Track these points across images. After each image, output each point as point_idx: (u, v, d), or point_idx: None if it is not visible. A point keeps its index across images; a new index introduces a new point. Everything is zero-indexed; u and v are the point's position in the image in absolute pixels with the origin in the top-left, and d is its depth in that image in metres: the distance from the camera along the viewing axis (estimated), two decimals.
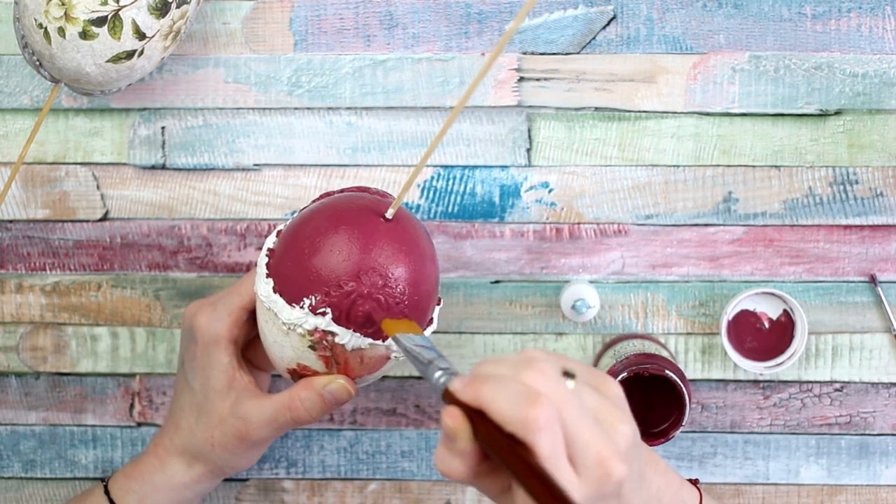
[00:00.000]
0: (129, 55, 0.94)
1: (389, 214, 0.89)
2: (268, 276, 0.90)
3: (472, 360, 1.05)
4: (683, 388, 0.96)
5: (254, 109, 1.04)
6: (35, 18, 0.93)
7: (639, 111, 1.03)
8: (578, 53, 1.03)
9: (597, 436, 0.73)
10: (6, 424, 1.08)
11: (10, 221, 1.06)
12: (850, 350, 1.04)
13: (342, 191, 0.94)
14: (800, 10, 1.02)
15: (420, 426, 1.07)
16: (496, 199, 1.04)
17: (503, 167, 1.04)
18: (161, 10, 0.93)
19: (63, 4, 0.92)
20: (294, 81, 1.03)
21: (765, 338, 1.03)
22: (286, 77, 1.03)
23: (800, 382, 1.05)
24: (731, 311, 1.02)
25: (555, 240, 1.04)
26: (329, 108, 1.04)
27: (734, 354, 1.02)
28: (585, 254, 1.04)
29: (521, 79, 1.03)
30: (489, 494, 0.77)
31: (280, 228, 0.93)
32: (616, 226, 1.04)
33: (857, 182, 1.03)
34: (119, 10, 0.92)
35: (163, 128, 1.04)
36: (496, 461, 0.74)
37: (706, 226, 1.04)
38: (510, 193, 1.04)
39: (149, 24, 0.93)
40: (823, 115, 1.03)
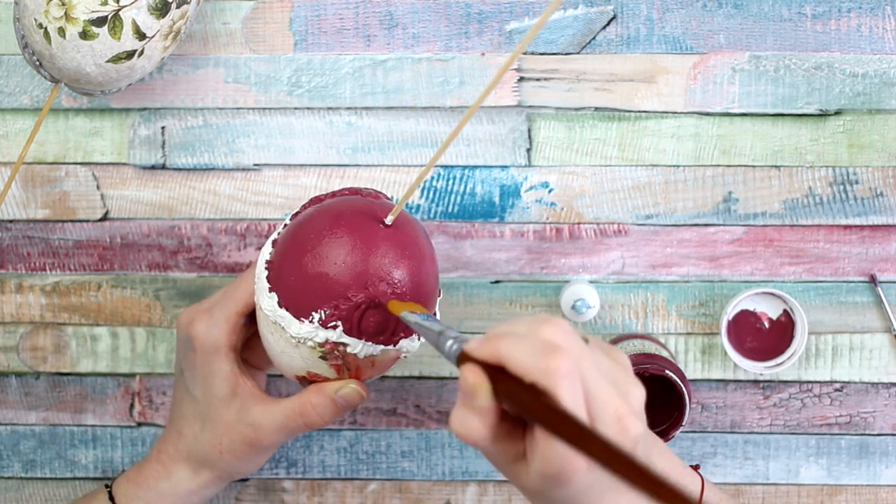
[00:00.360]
0: (129, 55, 0.94)
1: (389, 220, 0.88)
2: (271, 290, 0.88)
3: None
4: (683, 388, 0.96)
5: (254, 109, 1.04)
6: (35, 18, 0.93)
7: (639, 111, 1.03)
8: (578, 53, 1.03)
9: (613, 393, 0.74)
10: (6, 424, 1.08)
11: (10, 221, 1.06)
12: (850, 350, 1.04)
13: (333, 194, 0.93)
14: (800, 10, 1.02)
15: (420, 426, 1.06)
16: (496, 199, 1.04)
17: (503, 167, 1.04)
18: (161, 10, 0.93)
19: (63, 4, 0.92)
20: (294, 81, 1.03)
21: (765, 338, 1.03)
22: (286, 77, 1.03)
23: (800, 382, 1.05)
24: (731, 311, 1.02)
25: (555, 240, 1.04)
26: (329, 108, 1.04)
27: (734, 354, 1.02)
28: (585, 254, 1.04)
29: (521, 79, 1.03)
30: (502, 461, 0.77)
31: (274, 238, 0.91)
32: (616, 226, 1.04)
33: (857, 182, 1.03)
34: (119, 11, 0.92)
35: (163, 128, 1.04)
36: (518, 412, 0.74)
37: (706, 226, 1.04)
38: (510, 193, 1.04)
39: (149, 24, 0.93)
40: (823, 115, 1.03)
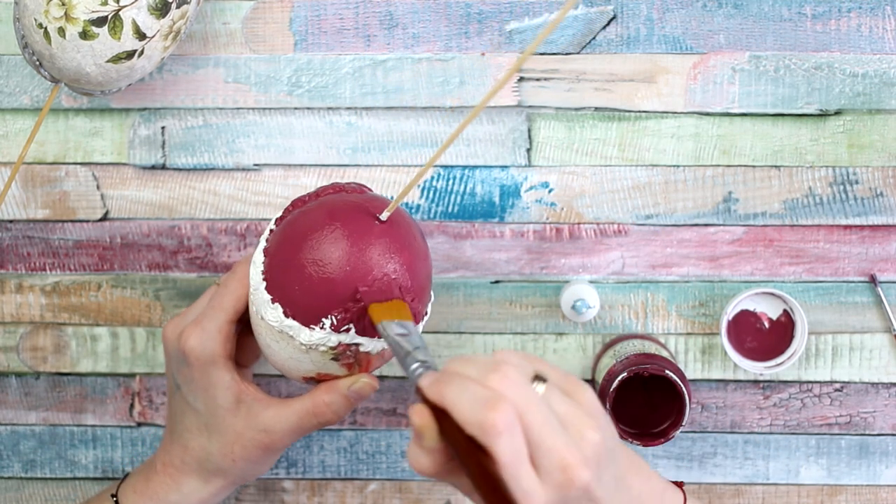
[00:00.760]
0: (130, 55, 0.94)
1: (384, 217, 0.88)
2: (274, 302, 0.88)
3: None
4: (683, 388, 0.96)
5: (254, 109, 1.04)
6: (35, 18, 0.93)
7: (639, 111, 1.03)
8: (578, 53, 1.02)
9: (561, 441, 0.74)
10: (6, 424, 1.08)
11: (10, 221, 1.06)
12: (850, 350, 1.04)
13: (318, 193, 0.92)
14: (800, 10, 1.02)
15: None
16: (496, 199, 1.04)
17: (503, 167, 1.04)
18: (161, 11, 0.93)
19: (63, 4, 0.92)
20: (294, 81, 1.03)
21: (765, 338, 1.03)
22: (286, 77, 1.03)
23: (800, 382, 1.05)
24: (731, 311, 1.02)
25: (555, 240, 1.04)
26: (329, 108, 1.04)
27: (734, 354, 1.02)
28: (585, 254, 1.04)
29: (522, 79, 1.03)
30: (462, 491, 0.78)
31: (264, 246, 0.90)
32: (616, 226, 1.04)
33: (857, 182, 1.03)
34: (119, 11, 0.92)
35: (163, 128, 1.04)
36: (457, 459, 0.74)
37: (706, 226, 1.04)
38: (510, 193, 1.04)
39: (149, 25, 0.93)
40: (823, 115, 1.03)
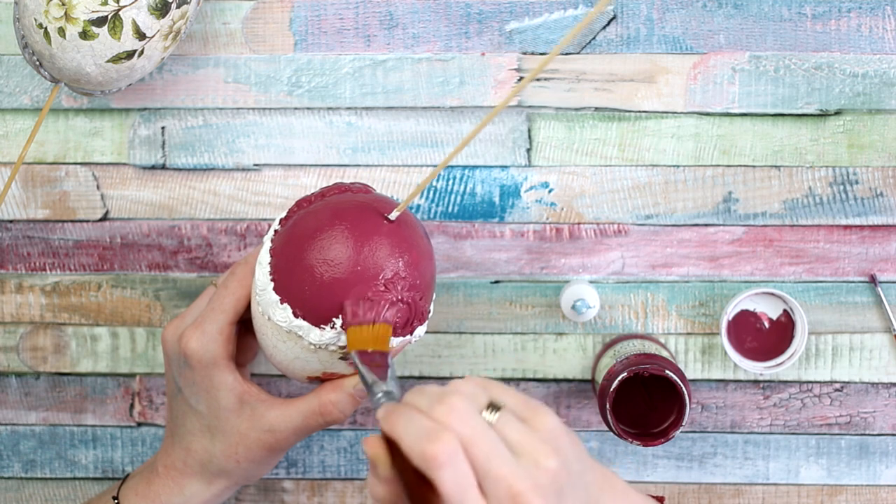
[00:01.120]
0: (129, 55, 0.94)
1: (393, 216, 0.88)
2: (282, 302, 0.88)
3: (473, 361, 1.05)
4: (683, 388, 0.96)
5: (254, 109, 1.04)
6: (35, 18, 0.93)
7: (639, 111, 1.03)
8: (578, 53, 1.02)
9: (511, 470, 0.73)
10: (6, 424, 1.08)
11: (10, 221, 1.06)
12: (850, 350, 1.04)
13: (323, 193, 0.92)
14: (800, 10, 1.02)
15: None
16: (496, 199, 1.04)
17: (503, 167, 1.04)
18: (161, 11, 0.93)
19: (63, 4, 0.92)
20: (294, 81, 1.03)
21: (765, 338, 1.03)
22: (286, 77, 1.03)
23: (800, 382, 1.05)
24: (731, 311, 1.02)
25: (555, 240, 1.04)
26: (329, 108, 1.04)
27: (734, 354, 1.02)
28: (585, 254, 1.04)
29: (522, 79, 1.03)
30: None
31: (270, 246, 0.90)
32: (616, 226, 1.04)
33: (857, 182, 1.03)
34: (119, 11, 0.92)
35: (163, 128, 1.04)
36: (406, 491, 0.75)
37: (706, 226, 1.04)
38: (510, 193, 1.04)
39: (149, 25, 0.93)
40: (823, 115, 1.03)
